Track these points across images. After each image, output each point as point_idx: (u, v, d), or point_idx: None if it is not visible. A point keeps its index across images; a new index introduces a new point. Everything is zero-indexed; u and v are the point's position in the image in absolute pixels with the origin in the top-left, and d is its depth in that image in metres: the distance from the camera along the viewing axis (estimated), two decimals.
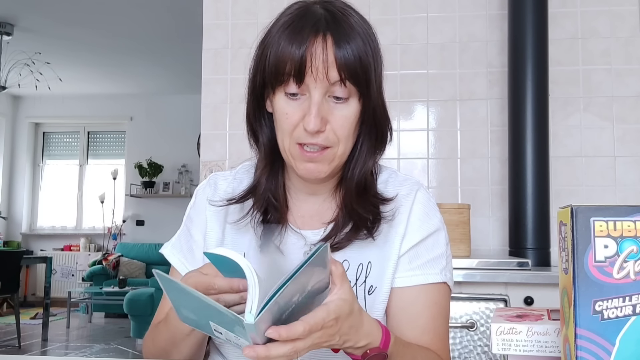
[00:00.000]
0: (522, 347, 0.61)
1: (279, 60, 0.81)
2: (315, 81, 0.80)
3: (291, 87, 0.81)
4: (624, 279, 0.49)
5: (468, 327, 1.80)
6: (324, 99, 0.82)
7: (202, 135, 2.64)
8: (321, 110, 0.81)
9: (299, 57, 0.79)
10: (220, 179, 0.98)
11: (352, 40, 0.81)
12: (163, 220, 7.43)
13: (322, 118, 0.81)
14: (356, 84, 0.82)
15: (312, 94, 0.81)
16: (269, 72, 0.82)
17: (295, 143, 0.83)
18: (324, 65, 0.79)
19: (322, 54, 0.80)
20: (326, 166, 0.84)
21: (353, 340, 0.69)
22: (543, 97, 2.21)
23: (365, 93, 0.83)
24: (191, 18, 4.60)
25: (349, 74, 0.80)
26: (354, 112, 0.84)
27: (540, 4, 2.25)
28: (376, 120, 0.87)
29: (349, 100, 0.83)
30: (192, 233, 0.96)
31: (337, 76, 0.80)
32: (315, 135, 0.81)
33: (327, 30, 0.81)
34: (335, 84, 0.81)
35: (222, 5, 2.64)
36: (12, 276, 5.03)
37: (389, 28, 2.55)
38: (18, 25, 5.33)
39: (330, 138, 0.83)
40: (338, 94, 0.82)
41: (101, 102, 7.88)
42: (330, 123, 0.82)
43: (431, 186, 2.48)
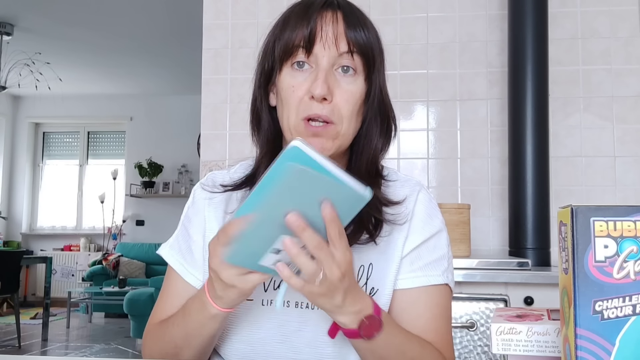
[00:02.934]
0: (522, 347, 0.61)
1: (290, 33, 0.84)
2: (324, 49, 0.82)
3: (299, 57, 0.83)
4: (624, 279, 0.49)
5: (468, 327, 1.80)
6: (331, 71, 0.83)
7: (202, 135, 2.64)
8: (329, 79, 0.82)
9: (309, 27, 0.83)
10: (218, 177, 0.98)
11: (361, 20, 0.86)
12: (163, 220, 7.43)
13: (329, 87, 0.81)
14: (364, 58, 0.84)
15: (320, 62, 0.83)
16: (280, 48, 0.85)
17: (301, 119, 0.83)
18: (334, 33, 0.83)
19: (333, 24, 0.83)
20: (330, 142, 0.83)
21: (350, 300, 0.71)
22: (543, 97, 2.21)
23: (372, 72, 0.85)
24: (191, 18, 4.60)
25: (358, 46, 0.83)
26: (360, 90, 0.85)
27: (540, 4, 2.25)
28: (381, 107, 0.88)
29: (357, 75, 0.84)
30: (191, 233, 0.95)
31: (347, 46, 0.82)
32: (322, 105, 0.82)
33: (339, 8, 0.85)
34: (344, 55, 0.83)
35: (222, 5, 2.64)
36: (12, 276, 5.03)
37: (389, 28, 2.55)
38: (18, 25, 5.33)
39: (335, 111, 0.83)
40: (347, 64, 0.83)
41: (101, 102, 7.88)
42: (336, 97, 0.83)
43: (431, 186, 2.48)
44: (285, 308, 0.86)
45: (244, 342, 0.87)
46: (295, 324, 0.85)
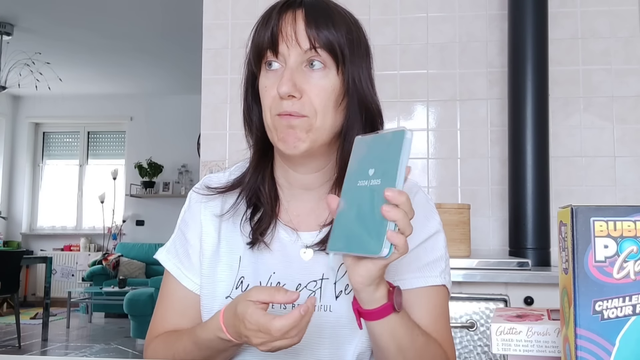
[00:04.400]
0: (522, 347, 0.61)
1: (257, 37, 0.86)
2: (288, 48, 0.83)
3: (269, 57, 0.85)
4: (624, 279, 0.49)
5: (468, 327, 1.80)
6: (299, 68, 0.83)
7: (202, 135, 2.64)
8: (295, 77, 0.82)
9: (272, 28, 0.84)
10: (214, 180, 0.98)
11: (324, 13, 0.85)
12: (163, 220, 7.43)
13: (295, 84, 0.82)
14: (330, 52, 0.83)
15: (287, 61, 0.83)
16: (252, 52, 0.87)
17: (274, 115, 0.84)
18: (293, 30, 0.83)
19: (292, 22, 0.84)
20: (304, 134, 0.83)
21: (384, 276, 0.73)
22: (543, 97, 2.21)
23: (343, 64, 0.84)
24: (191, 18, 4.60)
25: (320, 42, 0.83)
26: (332, 84, 0.84)
27: (540, 4, 2.25)
28: (360, 101, 0.87)
29: (326, 70, 0.84)
30: (188, 237, 0.95)
31: (308, 42, 0.82)
32: (289, 101, 0.82)
33: (301, 6, 0.85)
34: (309, 51, 0.83)
35: (222, 5, 2.64)
36: (12, 276, 5.03)
37: (389, 28, 2.55)
38: (18, 25, 5.33)
39: (306, 107, 0.83)
40: (314, 60, 0.83)
41: (101, 102, 7.88)
42: (306, 92, 0.83)
43: (431, 186, 2.48)
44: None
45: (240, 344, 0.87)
46: None
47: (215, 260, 0.91)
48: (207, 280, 0.91)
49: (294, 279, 0.87)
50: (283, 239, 0.90)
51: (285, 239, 0.90)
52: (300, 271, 0.88)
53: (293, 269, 0.88)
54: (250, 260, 0.90)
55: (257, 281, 0.88)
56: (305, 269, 0.88)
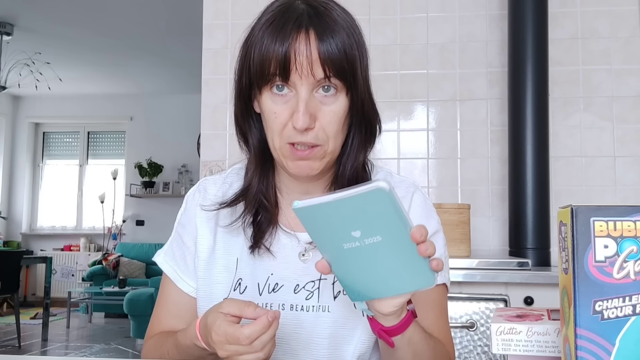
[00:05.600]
0: (522, 347, 0.61)
1: (264, 59, 0.80)
2: (301, 78, 0.79)
3: (277, 86, 0.81)
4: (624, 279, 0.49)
5: (468, 327, 1.80)
6: (311, 95, 0.81)
7: (202, 135, 2.64)
8: (309, 107, 0.80)
9: (282, 55, 0.79)
10: (210, 183, 0.98)
11: (335, 34, 0.80)
12: (163, 220, 7.43)
13: (310, 115, 0.80)
14: (342, 79, 0.81)
15: (299, 91, 0.80)
16: (255, 72, 0.82)
17: (285, 142, 0.82)
18: (308, 61, 0.79)
19: (306, 49, 0.79)
20: (317, 163, 0.84)
21: None
22: (543, 97, 2.21)
23: (353, 87, 0.82)
24: (191, 18, 4.60)
25: (334, 69, 0.79)
26: (343, 107, 0.83)
27: (540, 4, 2.25)
28: (365, 114, 0.86)
29: (337, 95, 0.82)
30: (184, 240, 0.95)
31: (322, 72, 0.79)
32: (305, 133, 0.80)
33: (310, 25, 0.80)
34: (322, 80, 0.80)
35: (222, 5, 2.64)
36: (12, 276, 5.03)
37: (389, 28, 2.55)
38: (18, 25, 5.33)
39: (319, 136, 0.82)
40: (325, 89, 0.81)
41: (101, 102, 7.88)
42: (319, 120, 0.81)
43: (431, 186, 2.48)
44: (280, 311, 0.86)
45: None
46: (291, 327, 0.86)
47: (212, 262, 0.91)
48: (204, 283, 0.91)
49: (292, 279, 0.87)
50: (282, 241, 0.90)
51: (284, 241, 0.90)
52: (298, 272, 0.88)
53: (291, 270, 0.88)
54: (248, 262, 0.90)
55: (255, 283, 0.88)
56: (303, 270, 0.88)
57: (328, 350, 0.85)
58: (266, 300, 0.87)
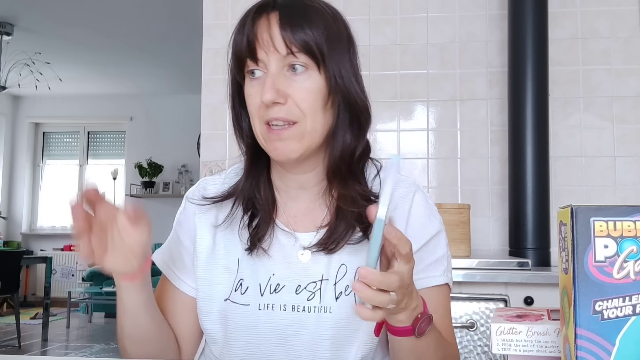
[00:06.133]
0: (522, 347, 0.61)
1: (236, 45, 0.85)
2: (267, 54, 0.82)
3: (250, 65, 0.84)
4: (624, 279, 0.49)
5: (468, 327, 1.80)
6: (281, 73, 0.82)
7: (202, 135, 2.64)
8: (277, 83, 0.81)
9: (249, 36, 0.83)
10: (210, 183, 0.98)
11: (299, 14, 0.83)
12: (163, 220, 7.38)
13: (278, 90, 0.81)
14: (309, 54, 0.81)
15: (269, 67, 0.82)
16: (234, 65, 0.87)
17: (263, 123, 0.83)
18: (270, 37, 0.81)
19: (269, 27, 0.82)
20: (296, 144, 0.83)
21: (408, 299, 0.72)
22: (543, 97, 2.21)
23: (324, 64, 0.82)
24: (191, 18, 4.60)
25: (296, 44, 0.81)
26: (316, 85, 0.82)
27: (540, 4, 2.25)
28: (348, 97, 0.85)
29: (309, 70, 0.82)
30: (182, 239, 0.95)
31: (285, 46, 0.81)
32: (275, 108, 0.81)
33: (274, 8, 0.83)
34: (288, 55, 0.81)
35: (222, 5, 2.64)
36: (12, 276, 5.03)
37: (389, 28, 2.55)
38: (18, 25, 5.33)
39: (293, 111, 0.82)
40: (295, 63, 0.82)
41: (101, 102, 7.88)
42: (292, 96, 0.82)
43: (431, 186, 2.48)
44: (282, 312, 0.86)
45: (242, 346, 0.87)
46: (293, 328, 0.85)
47: (212, 262, 0.91)
48: (204, 283, 0.91)
49: (294, 280, 0.87)
50: (281, 240, 0.90)
51: (283, 241, 0.90)
52: (300, 272, 0.87)
53: (292, 270, 0.88)
54: (249, 262, 0.89)
55: (256, 283, 0.88)
56: (305, 270, 0.88)
57: (330, 351, 0.84)
58: (268, 300, 0.86)
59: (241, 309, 0.87)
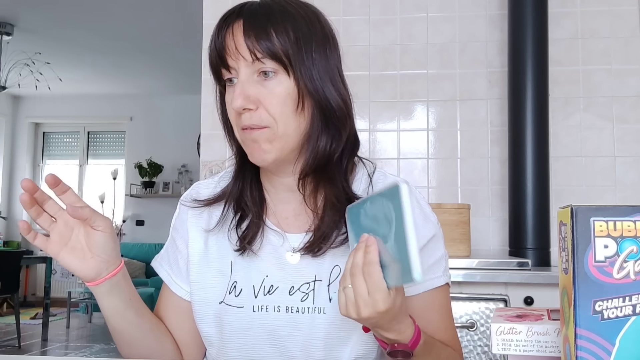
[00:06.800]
0: (522, 347, 0.61)
1: (210, 56, 0.86)
2: (236, 62, 0.82)
3: (225, 74, 0.85)
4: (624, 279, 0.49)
5: (468, 327, 1.80)
6: (251, 79, 0.82)
7: (202, 135, 2.64)
8: (247, 89, 0.82)
9: (218, 45, 0.84)
10: (203, 187, 0.98)
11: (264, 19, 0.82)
12: (163, 220, 7.43)
13: (248, 96, 0.81)
14: (274, 58, 0.81)
15: (239, 75, 0.83)
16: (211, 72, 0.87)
17: (239, 129, 0.85)
18: (234, 43, 0.82)
19: (233, 35, 0.83)
20: (268, 145, 0.83)
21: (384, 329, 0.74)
22: (543, 97, 2.21)
23: (293, 69, 0.82)
24: (191, 18, 4.60)
25: (261, 51, 0.81)
26: (285, 89, 0.82)
27: (540, 4, 2.25)
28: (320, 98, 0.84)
29: (278, 76, 0.82)
30: (177, 244, 0.96)
31: (250, 53, 0.81)
32: (247, 114, 0.82)
33: (239, 16, 0.84)
34: (255, 62, 0.82)
35: (222, 5, 2.63)
36: (12, 276, 5.03)
37: (389, 28, 2.55)
38: (18, 25, 5.33)
39: (264, 117, 0.82)
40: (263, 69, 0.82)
41: (101, 102, 7.88)
42: (262, 103, 0.82)
43: (431, 186, 2.48)
44: (276, 313, 0.86)
45: (237, 348, 0.87)
46: (287, 329, 0.85)
47: (205, 266, 0.91)
48: (197, 287, 0.91)
49: (287, 281, 0.87)
50: (273, 242, 0.90)
51: (275, 242, 0.90)
52: (293, 273, 0.88)
53: (286, 271, 0.88)
54: (243, 264, 0.89)
55: (250, 285, 0.88)
56: (298, 272, 0.88)
57: (324, 351, 0.85)
58: (262, 302, 0.87)
59: (236, 311, 0.87)
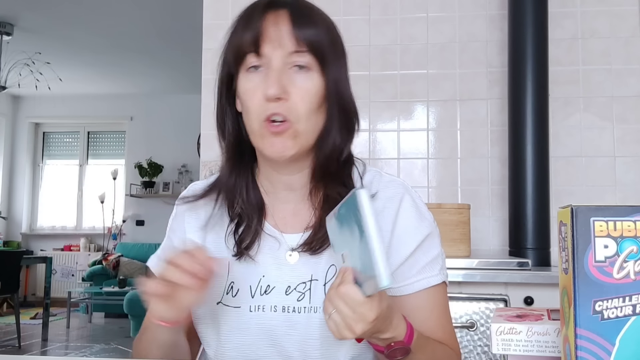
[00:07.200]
0: (522, 347, 0.61)
1: (238, 38, 0.84)
2: (273, 49, 0.82)
3: (251, 60, 0.83)
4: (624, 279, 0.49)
5: (468, 327, 1.80)
6: (284, 69, 0.82)
7: (202, 135, 2.64)
8: (282, 78, 0.81)
9: (255, 29, 0.82)
10: (199, 187, 0.98)
11: (309, 16, 0.84)
12: (163, 220, 7.33)
13: (282, 86, 0.81)
14: (314, 53, 0.83)
15: (272, 63, 0.82)
16: (231, 54, 0.85)
17: (262, 120, 0.83)
18: (279, 31, 0.82)
19: (279, 22, 0.82)
20: (290, 141, 0.83)
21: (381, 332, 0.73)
22: (543, 97, 2.21)
23: (326, 67, 0.84)
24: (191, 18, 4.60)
25: (306, 42, 0.82)
26: (315, 86, 0.83)
27: (540, 4, 2.25)
28: (340, 102, 0.86)
29: (311, 71, 0.83)
30: (175, 244, 0.96)
31: (294, 43, 0.81)
32: (277, 103, 0.81)
33: (284, 6, 0.84)
34: (294, 53, 0.82)
35: (222, 5, 2.64)
36: (12, 276, 5.03)
37: (389, 28, 2.55)
38: (18, 25, 5.33)
39: (292, 108, 0.82)
40: (299, 62, 0.82)
41: (101, 102, 7.88)
42: (292, 94, 0.82)
43: (431, 186, 2.48)
44: (272, 313, 0.86)
45: (234, 348, 0.87)
46: (283, 328, 0.86)
47: None
48: None
49: (284, 281, 0.87)
50: (270, 243, 0.90)
51: (272, 244, 0.90)
52: (289, 273, 0.88)
53: (282, 271, 0.88)
54: (239, 265, 0.89)
55: (247, 285, 0.88)
56: (294, 271, 0.88)
57: (320, 351, 0.85)
58: (258, 302, 0.87)
59: (233, 311, 0.87)
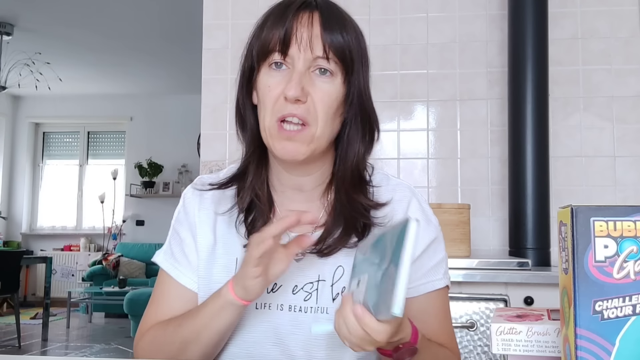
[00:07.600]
0: (522, 347, 0.61)
1: (267, 34, 0.84)
2: (299, 51, 0.82)
3: (276, 58, 0.83)
4: (624, 279, 0.49)
5: (468, 327, 1.80)
6: (307, 72, 0.82)
7: (202, 135, 2.64)
8: (303, 81, 0.81)
9: (284, 28, 0.82)
10: (207, 180, 0.98)
11: (339, 21, 0.84)
12: (163, 220, 7.42)
13: (303, 89, 0.81)
14: (341, 60, 0.83)
15: (296, 65, 0.82)
16: (257, 51, 0.85)
17: (275, 120, 0.83)
18: (309, 35, 0.82)
19: (309, 25, 0.82)
20: (304, 147, 0.83)
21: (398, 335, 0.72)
22: (543, 97, 2.21)
23: (350, 74, 0.84)
24: (191, 18, 4.60)
25: (333, 48, 0.82)
26: (337, 91, 0.84)
27: (540, 4, 2.25)
28: (362, 110, 0.87)
29: (334, 77, 0.83)
30: (183, 236, 0.94)
31: (322, 48, 0.82)
32: (295, 105, 0.81)
33: (316, 8, 0.84)
34: (319, 58, 0.82)
35: (222, 5, 2.64)
36: (12, 276, 5.03)
37: (389, 28, 2.55)
38: (18, 25, 5.33)
39: (310, 110, 0.82)
40: (323, 66, 0.83)
41: (101, 102, 7.88)
42: (312, 96, 0.82)
43: (431, 186, 2.48)
44: (278, 311, 0.86)
45: (238, 345, 0.87)
46: (288, 327, 0.85)
47: (212, 261, 0.91)
48: (204, 282, 0.90)
49: (291, 280, 0.87)
50: None
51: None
52: (297, 272, 0.87)
53: (289, 270, 0.88)
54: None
55: None
56: (301, 271, 0.88)
57: (326, 351, 0.85)
58: (264, 300, 0.87)
59: None
